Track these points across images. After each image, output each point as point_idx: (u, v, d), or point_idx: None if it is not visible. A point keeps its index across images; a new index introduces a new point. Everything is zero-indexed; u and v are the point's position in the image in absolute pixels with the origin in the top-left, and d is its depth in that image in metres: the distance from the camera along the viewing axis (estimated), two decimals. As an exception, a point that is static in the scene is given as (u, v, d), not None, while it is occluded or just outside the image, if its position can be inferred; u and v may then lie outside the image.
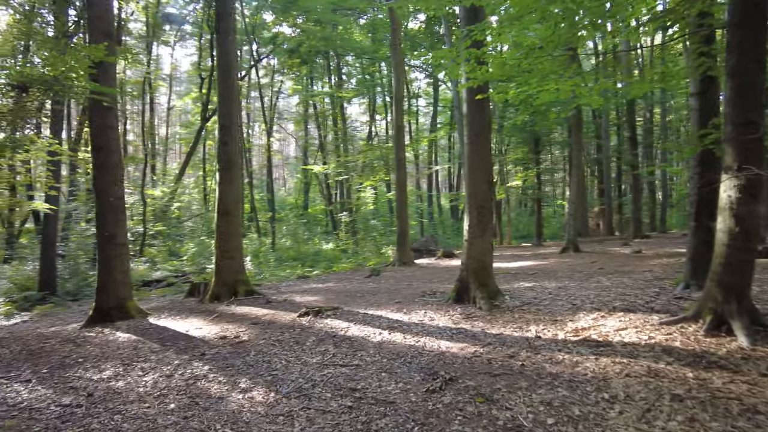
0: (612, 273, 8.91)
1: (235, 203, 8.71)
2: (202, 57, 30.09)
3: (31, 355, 5.85)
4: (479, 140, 6.77)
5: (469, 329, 5.57)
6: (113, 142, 7.77)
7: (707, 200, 5.93)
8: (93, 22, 7.78)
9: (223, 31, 8.94)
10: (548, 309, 6.14)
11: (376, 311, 6.84)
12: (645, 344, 4.39)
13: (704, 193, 6.01)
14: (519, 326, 5.48)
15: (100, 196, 7.62)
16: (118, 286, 7.64)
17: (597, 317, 5.46)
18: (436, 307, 6.75)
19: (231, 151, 8.74)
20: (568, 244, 13.05)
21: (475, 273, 6.71)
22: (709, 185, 5.75)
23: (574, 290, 7.28)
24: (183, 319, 7.37)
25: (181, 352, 5.59)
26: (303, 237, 25.69)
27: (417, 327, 5.86)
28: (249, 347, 5.58)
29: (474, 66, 5.55)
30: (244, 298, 8.39)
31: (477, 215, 6.71)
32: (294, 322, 6.52)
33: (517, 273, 10.01)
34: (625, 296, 6.42)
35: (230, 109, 8.79)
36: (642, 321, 5.07)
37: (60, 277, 14.90)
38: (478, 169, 6.77)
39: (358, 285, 10.00)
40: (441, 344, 5.12)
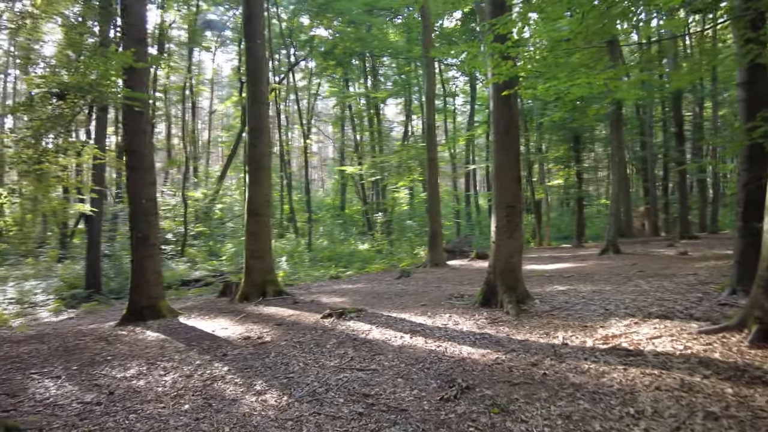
0: (652, 276, 8.42)
1: (264, 204, 8.80)
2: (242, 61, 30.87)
3: (66, 351, 6.08)
4: (506, 137, 6.53)
5: (493, 335, 5.37)
6: (145, 145, 8.00)
7: (754, 199, 5.48)
8: (128, 30, 8.03)
9: (251, 35, 9.06)
10: (579, 314, 5.84)
11: (400, 314, 6.72)
12: (680, 355, 4.07)
13: (751, 190, 5.55)
14: (546, 332, 5.23)
15: (133, 198, 7.86)
16: (151, 286, 7.85)
17: (630, 324, 5.14)
18: (462, 311, 6.56)
19: (260, 153, 8.83)
20: (608, 245, 12.48)
21: (503, 276, 6.47)
22: (756, 182, 5.30)
23: (609, 294, 6.91)
24: (211, 319, 7.49)
25: (204, 352, 5.66)
26: (339, 237, 25.88)
27: (440, 331, 5.71)
28: (270, 348, 5.58)
29: (498, 61, 5.34)
30: (272, 298, 8.46)
31: (505, 215, 6.48)
32: (317, 324, 6.49)
33: (551, 276, 9.64)
34: (664, 301, 6.03)
35: (259, 111, 8.89)
36: (679, 329, 4.72)
37: (105, 276, 15.58)
38: (505, 167, 6.53)
39: (387, 286, 9.90)
40: (463, 350, 4.95)
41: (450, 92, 32.58)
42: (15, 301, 13.56)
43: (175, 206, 23.89)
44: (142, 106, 7.89)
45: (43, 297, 13.73)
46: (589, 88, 6.52)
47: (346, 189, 33.49)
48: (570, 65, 5.62)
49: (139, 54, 7.98)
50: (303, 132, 26.04)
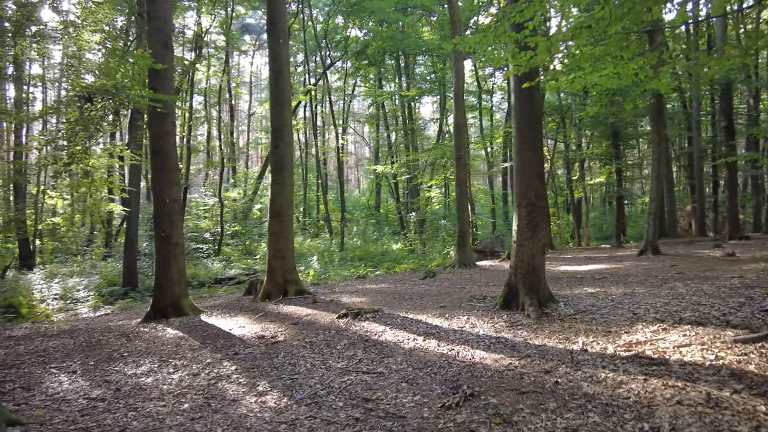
0: (692, 279, 7.87)
1: (286, 204, 8.81)
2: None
3: (88, 347, 6.24)
4: (529, 132, 6.22)
5: (509, 339, 5.11)
6: (169, 146, 8.15)
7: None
8: (153, 34, 8.20)
9: (274, 36, 9.08)
10: (604, 318, 5.48)
11: (417, 315, 6.53)
12: (709, 365, 3.70)
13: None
14: (566, 337, 4.92)
15: (157, 198, 8.02)
16: (174, 285, 7.99)
17: (657, 330, 4.76)
18: (482, 313, 6.31)
19: (282, 153, 8.84)
20: (647, 245, 11.80)
21: (525, 277, 6.17)
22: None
23: (641, 297, 6.48)
24: (231, 317, 7.54)
25: (217, 350, 5.67)
26: (372, 237, 25.86)
27: (455, 334, 5.49)
28: (281, 348, 5.53)
29: (515, 51, 5.07)
30: (293, 297, 8.45)
31: (526, 214, 6.18)
32: (332, 324, 6.40)
33: (583, 277, 9.19)
34: (699, 306, 5.58)
35: (282, 112, 8.91)
36: (712, 337, 4.32)
37: (143, 274, 16.13)
38: (527, 163, 6.23)
39: (410, 287, 9.72)
40: (475, 354, 4.72)
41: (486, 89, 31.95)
42: (59, 297, 14.21)
43: (212, 206, 24.50)
44: (166, 107, 8.05)
45: (84, 293, 14.32)
46: (618, 79, 6.13)
47: (381, 189, 33.47)
48: (594, 55, 5.28)
49: (164, 57, 8.15)
50: (336, 132, 26.10)
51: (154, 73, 8.01)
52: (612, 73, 5.85)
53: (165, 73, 8.08)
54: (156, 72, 8.01)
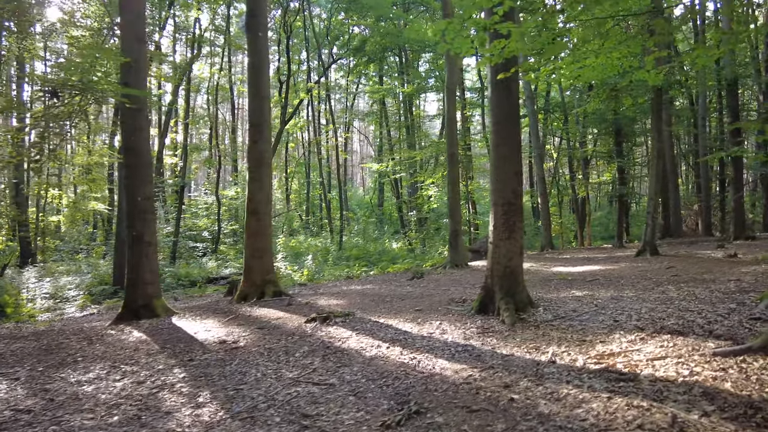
0: (686, 282, 7.46)
1: (264, 202, 8.53)
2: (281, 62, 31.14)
3: (47, 350, 6.00)
4: (506, 126, 5.87)
5: (477, 347, 4.77)
6: (142, 143, 7.91)
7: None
8: (125, 27, 7.96)
9: (253, 29, 8.80)
10: (582, 325, 5.12)
11: (389, 319, 6.22)
12: (681, 382, 3.34)
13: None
14: (537, 346, 4.58)
15: (129, 195, 7.78)
16: (146, 285, 7.75)
17: (635, 339, 4.40)
18: (456, 318, 5.98)
19: (261, 149, 8.57)
20: (645, 246, 11.35)
21: (501, 280, 5.83)
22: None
23: (628, 302, 6.10)
24: (202, 320, 7.28)
25: (174, 355, 5.40)
26: (373, 236, 25.56)
27: (422, 341, 5.17)
28: (238, 354, 5.25)
29: (484, 39, 4.73)
30: (270, 299, 8.17)
31: (503, 213, 5.83)
32: (298, 329, 6.11)
33: (574, 279, 8.80)
34: (686, 312, 5.19)
35: (261, 107, 8.63)
36: (690, 348, 3.95)
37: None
38: (505, 159, 5.88)
39: (396, 288, 9.40)
40: (437, 364, 4.39)
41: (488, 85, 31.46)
42: (49, 296, 14.10)
43: (211, 205, 24.35)
44: (139, 103, 7.82)
45: (74, 293, 14.20)
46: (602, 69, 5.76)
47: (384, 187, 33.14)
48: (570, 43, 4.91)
49: (137, 52, 7.92)
50: (335, 130, 25.84)
51: (127, 68, 7.77)
52: (594, 62, 5.49)
53: (138, 68, 7.83)
54: (128, 67, 7.77)
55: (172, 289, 15.30)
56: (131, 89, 7.51)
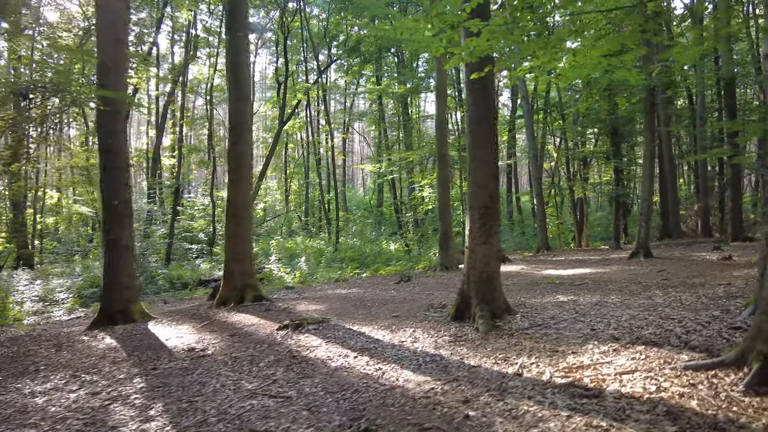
0: (675, 286, 7.25)
1: (244, 205, 8.38)
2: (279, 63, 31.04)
3: (14, 358, 5.88)
4: (482, 128, 5.69)
5: (446, 357, 4.59)
6: (120, 145, 7.77)
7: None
8: (104, 28, 7.83)
9: (233, 29, 8.66)
10: (558, 334, 4.93)
11: (363, 326, 6.04)
12: (647, 399, 3.15)
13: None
14: (506, 357, 4.39)
15: (106, 198, 7.65)
16: (123, 290, 7.62)
17: (608, 350, 4.20)
18: (431, 325, 5.80)
19: (241, 151, 8.42)
20: (638, 248, 11.13)
21: (477, 286, 5.65)
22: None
23: (610, 309, 5.91)
24: (177, 326, 7.13)
25: (138, 364, 5.26)
26: (370, 237, 25.39)
27: (391, 350, 4.99)
28: (203, 363, 5.09)
29: (452, 36, 4.55)
30: (249, 304, 8.02)
31: (479, 217, 5.65)
32: (269, 336, 5.95)
33: (561, 283, 8.61)
34: (667, 320, 4.99)
35: (241, 108, 8.48)
36: (662, 361, 3.76)
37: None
38: (481, 162, 5.69)
39: (380, 292, 9.24)
40: (401, 376, 4.22)
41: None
42: (39, 299, 13.99)
43: (207, 206, 24.23)
44: (117, 105, 7.69)
45: (64, 295, 14.09)
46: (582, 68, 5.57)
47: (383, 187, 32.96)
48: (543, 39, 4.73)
49: (116, 52, 7.79)
50: (330, 131, 25.70)
51: (104, 68, 7.65)
52: (573, 61, 5.30)
53: (116, 69, 7.70)
54: (106, 68, 7.65)
55: (163, 292, 15.19)
56: (107, 91, 7.38)
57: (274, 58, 33.50)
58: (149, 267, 17.74)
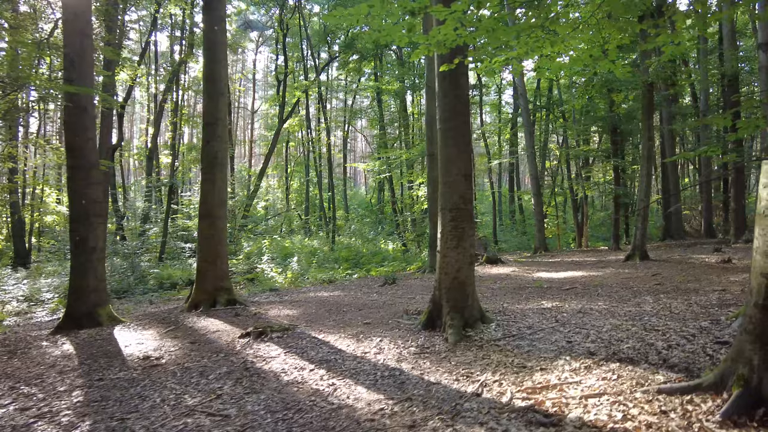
0: (667, 292, 6.85)
1: (218, 205, 8.06)
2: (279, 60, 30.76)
3: (-37, 365, 5.60)
4: (453, 124, 5.32)
5: (406, 372, 4.24)
6: (88, 143, 7.47)
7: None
8: (69, 21, 7.51)
9: (209, 23, 8.33)
10: (531, 347, 4.56)
11: (330, 335, 5.70)
12: (610, 429, 2.78)
13: None
14: (469, 372, 4.03)
15: (73, 198, 7.36)
16: (90, 293, 7.33)
17: (579, 368, 3.83)
18: (401, 334, 5.44)
19: (214, 150, 8.09)
20: (634, 250, 10.70)
21: (449, 293, 5.28)
22: None
23: (593, 317, 5.52)
24: (143, 330, 6.83)
25: (85, 374, 4.95)
26: (368, 236, 25.06)
27: (351, 362, 4.65)
28: (152, 374, 4.77)
29: (411, 24, 4.18)
30: (222, 308, 7.70)
31: (451, 220, 5.29)
32: (229, 345, 5.62)
33: (550, 287, 8.22)
34: (650, 332, 4.60)
35: (215, 105, 8.16)
36: (635, 382, 3.38)
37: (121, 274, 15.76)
38: (452, 161, 5.33)
39: (362, 295, 8.90)
40: (353, 393, 3.88)
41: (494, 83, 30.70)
42: (25, 299, 13.78)
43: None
44: (84, 101, 7.40)
45: (50, 295, 13.87)
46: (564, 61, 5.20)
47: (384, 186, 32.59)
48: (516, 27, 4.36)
49: (81, 46, 7.50)
50: (327, 129, 25.37)
51: (69, 63, 7.36)
52: (550, 52, 4.92)
53: (82, 63, 7.40)
54: (72, 62, 7.36)
55: (152, 292, 14.94)
56: (71, 86, 7.09)
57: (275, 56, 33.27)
58: (141, 266, 17.52)
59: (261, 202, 33.49)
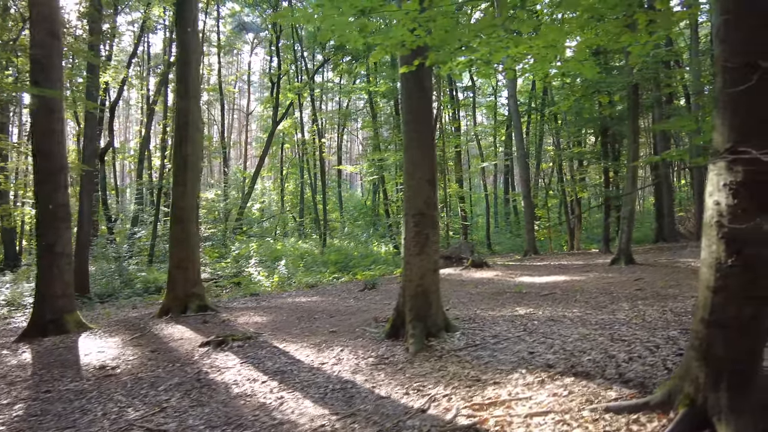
0: (646, 298, 6.70)
1: (189, 209, 7.92)
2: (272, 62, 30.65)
3: None
4: (416, 127, 5.17)
5: (358, 384, 4.09)
6: (55, 146, 7.34)
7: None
8: (37, 21, 7.39)
9: (182, 24, 8.20)
10: (491, 358, 4.40)
11: (292, 344, 5.55)
12: (546, 452, 2.63)
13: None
14: (421, 386, 3.88)
15: (40, 202, 7.23)
16: (57, 299, 7.18)
17: (533, 382, 3.67)
18: (363, 343, 5.29)
19: (187, 152, 7.95)
20: (620, 254, 10.53)
21: (412, 301, 5.13)
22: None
23: (563, 326, 5.37)
24: (109, 338, 6.68)
25: (34, 386, 4.81)
26: (361, 239, 24.93)
27: (306, 374, 4.50)
28: (103, 385, 4.64)
29: (363, 24, 4.04)
30: (192, 314, 7.55)
31: (414, 225, 5.13)
32: (188, 354, 5.47)
33: (528, 292, 8.06)
34: (615, 343, 4.45)
35: (187, 107, 8.02)
36: (585, 399, 3.22)
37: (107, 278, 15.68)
38: (416, 165, 5.18)
39: (339, 300, 8.74)
40: (299, 407, 3.73)
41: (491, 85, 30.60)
42: (6, 303, 13.64)
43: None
44: (52, 103, 7.27)
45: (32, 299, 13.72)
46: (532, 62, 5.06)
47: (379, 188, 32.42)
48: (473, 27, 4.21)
49: (50, 47, 7.37)
50: (318, 131, 25.25)
51: (37, 64, 7.23)
52: (517, 52, 4.78)
53: (50, 66, 7.28)
54: (39, 64, 7.24)
55: (136, 296, 14.80)
56: (37, 89, 6.96)
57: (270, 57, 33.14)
58: (128, 269, 17.40)
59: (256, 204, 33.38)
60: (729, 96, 2.52)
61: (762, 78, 2.37)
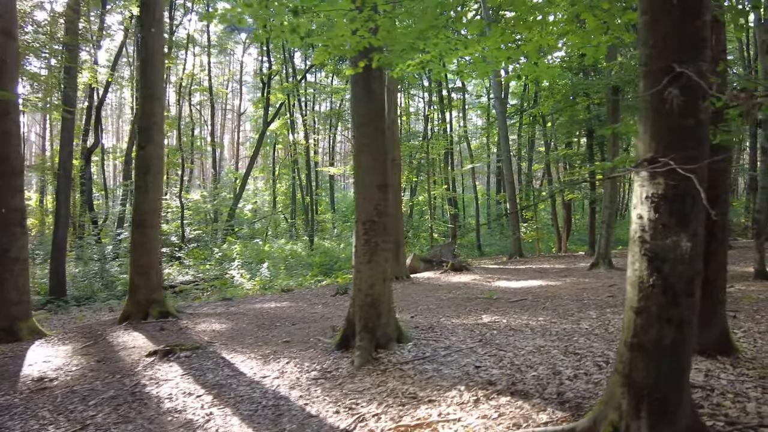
0: (615, 306, 6.55)
1: (151, 213, 7.70)
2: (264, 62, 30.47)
3: None
4: (366, 131, 4.99)
5: (292, 400, 3.91)
6: (10, 148, 7.12)
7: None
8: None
9: (146, 23, 7.99)
10: (435, 372, 4.22)
11: (240, 355, 5.35)
12: (455, 484, 2.45)
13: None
14: (355, 403, 3.70)
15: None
16: (10, 306, 6.96)
17: (467, 401, 3.49)
18: (312, 355, 5.10)
19: (149, 154, 7.74)
20: (599, 258, 10.37)
21: (362, 311, 4.95)
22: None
23: (521, 337, 5.19)
24: (61, 345, 6.47)
25: (-37, 400, 4.61)
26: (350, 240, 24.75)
27: (245, 388, 4.31)
28: (33, 399, 4.43)
29: (296, 24, 3.86)
30: (153, 321, 7.36)
31: (364, 233, 4.95)
32: (132, 364, 5.28)
33: (499, 299, 7.89)
34: (567, 357, 4.27)
35: (151, 108, 7.81)
36: (513, 423, 3.04)
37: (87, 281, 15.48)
38: (366, 170, 5.00)
39: (307, 306, 8.55)
40: (226, 425, 3.56)
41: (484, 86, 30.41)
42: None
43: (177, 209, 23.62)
44: (7, 106, 7.08)
45: (7, 303, 13.51)
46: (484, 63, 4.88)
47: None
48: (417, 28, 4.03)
49: (4, 47, 7.17)
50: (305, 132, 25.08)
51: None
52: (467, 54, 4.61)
53: (4, 67, 7.08)
54: (-7, 64, 7.03)
55: (114, 298, 14.58)
56: (-8, 89, 6.76)
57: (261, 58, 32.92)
58: (110, 272, 17.19)
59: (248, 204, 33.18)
60: (648, 102, 2.34)
61: (676, 82, 2.19)
